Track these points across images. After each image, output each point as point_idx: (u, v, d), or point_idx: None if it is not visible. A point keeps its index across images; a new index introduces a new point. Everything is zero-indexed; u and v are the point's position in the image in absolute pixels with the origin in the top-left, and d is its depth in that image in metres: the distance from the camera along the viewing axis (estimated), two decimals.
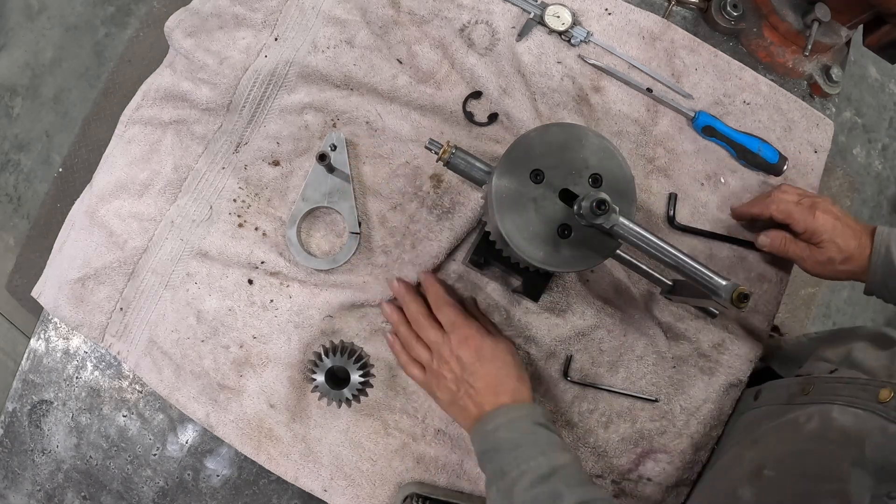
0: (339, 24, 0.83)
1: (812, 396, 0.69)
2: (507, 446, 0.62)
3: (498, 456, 0.63)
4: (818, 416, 0.64)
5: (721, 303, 0.58)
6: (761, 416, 0.76)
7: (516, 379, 0.68)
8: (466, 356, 0.68)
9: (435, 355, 0.70)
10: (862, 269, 0.74)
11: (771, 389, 0.78)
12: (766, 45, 0.91)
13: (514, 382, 0.68)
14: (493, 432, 0.64)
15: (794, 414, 0.68)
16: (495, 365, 0.68)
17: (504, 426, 0.64)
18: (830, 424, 0.62)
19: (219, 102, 0.81)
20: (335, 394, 0.73)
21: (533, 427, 0.64)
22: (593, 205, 0.55)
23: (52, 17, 1.89)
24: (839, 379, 0.68)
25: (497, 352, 0.69)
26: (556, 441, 0.64)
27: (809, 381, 0.71)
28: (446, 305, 0.71)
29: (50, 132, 1.84)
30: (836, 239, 0.74)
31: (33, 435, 0.80)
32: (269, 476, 0.79)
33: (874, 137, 2.16)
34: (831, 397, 0.66)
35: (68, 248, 0.80)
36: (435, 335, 0.70)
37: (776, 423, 0.71)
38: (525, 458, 0.61)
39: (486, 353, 0.68)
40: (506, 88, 0.83)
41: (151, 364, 0.77)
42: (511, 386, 0.67)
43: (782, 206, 0.77)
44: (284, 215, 0.79)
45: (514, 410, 0.65)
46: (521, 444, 0.62)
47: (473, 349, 0.68)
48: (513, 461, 0.61)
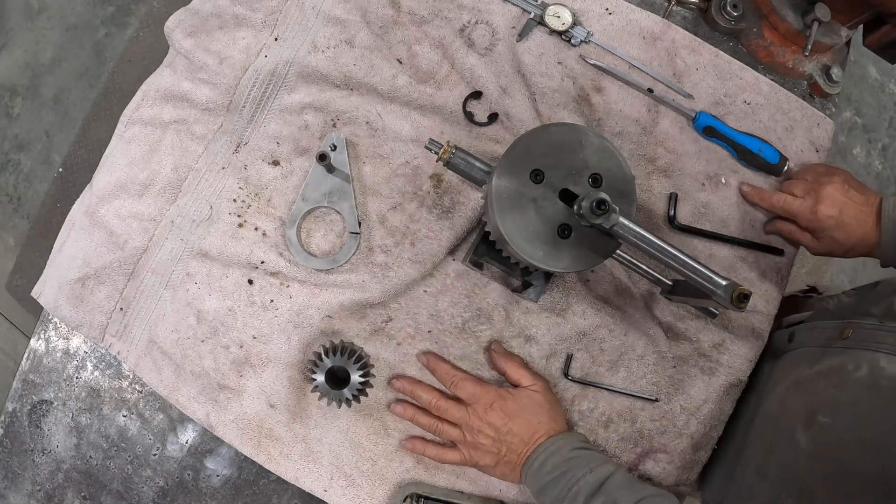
0: (339, 24, 0.83)
1: (851, 341, 0.70)
2: (555, 475, 0.66)
3: (550, 487, 0.66)
4: (867, 365, 0.65)
5: (721, 303, 0.58)
6: (799, 358, 0.76)
7: (548, 418, 0.71)
8: (497, 420, 0.70)
9: (465, 429, 0.72)
10: (870, 251, 0.76)
11: (806, 331, 0.79)
12: (767, 45, 0.91)
13: (546, 421, 0.71)
14: (539, 469, 0.68)
15: (838, 359, 0.69)
16: (524, 417, 0.71)
17: (547, 460, 0.67)
18: (881, 373, 0.63)
19: (219, 102, 0.81)
20: (335, 394, 0.73)
21: (573, 452, 0.67)
22: (593, 205, 0.55)
23: (52, 17, 1.89)
24: (881, 327, 0.68)
25: (522, 403, 0.72)
26: (597, 457, 0.68)
27: (848, 326, 0.72)
28: (462, 380, 0.74)
29: (50, 132, 1.84)
30: (837, 234, 0.76)
31: (33, 435, 0.80)
32: (269, 476, 0.79)
33: (874, 137, 2.16)
34: (875, 345, 0.67)
35: (68, 248, 0.80)
36: (460, 412, 0.72)
37: (820, 367, 0.71)
38: (574, 478, 0.64)
39: (513, 410, 0.71)
40: (506, 88, 0.83)
41: (151, 364, 0.77)
42: (544, 425, 0.71)
43: (785, 204, 0.80)
44: (284, 215, 0.79)
45: (552, 444, 0.68)
46: (568, 468, 0.66)
47: (500, 411, 0.71)
48: (564, 486, 0.65)
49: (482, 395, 0.72)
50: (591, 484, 0.63)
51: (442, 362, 0.76)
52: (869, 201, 0.76)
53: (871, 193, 0.78)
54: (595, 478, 0.64)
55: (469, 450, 0.72)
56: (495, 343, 0.78)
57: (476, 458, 0.72)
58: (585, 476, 0.64)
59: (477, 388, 0.72)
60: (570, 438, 0.70)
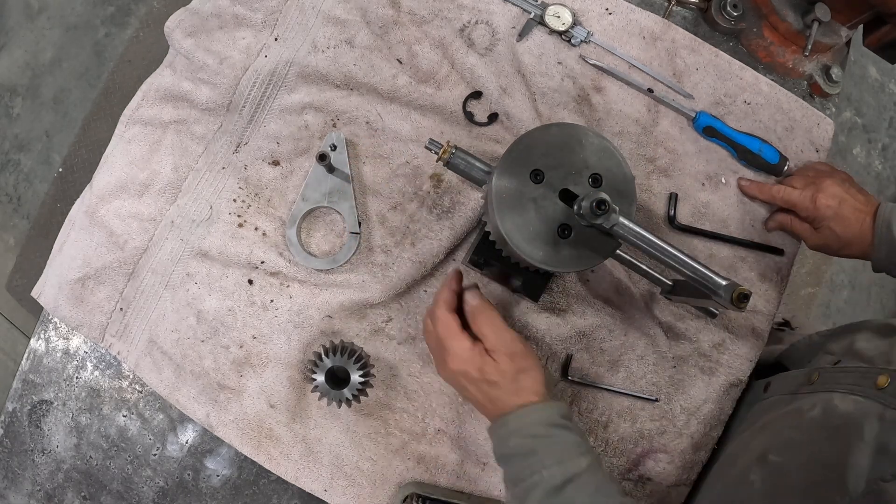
0: (339, 24, 0.83)
1: (816, 386, 0.70)
2: (521, 452, 0.61)
3: (513, 462, 0.62)
4: (821, 404, 0.66)
5: (721, 303, 0.58)
6: (769, 406, 0.77)
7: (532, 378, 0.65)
8: (503, 360, 0.64)
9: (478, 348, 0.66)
10: (865, 251, 0.76)
11: (780, 381, 0.80)
12: (766, 45, 0.91)
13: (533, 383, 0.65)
14: (507, 437, 0.62)
15: (799, 403, 0.70)
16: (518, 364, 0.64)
17: (518, 431, 0.62)
18: (833, 412, 0.63)
19: (219, 102, 0.81)
20: (335, 394, 0.73)
21: (549, 430, 0.61)
22: (593, 205, 0.55)
23: (52, 17, 1.89)
24: (841, 368, 0.70)
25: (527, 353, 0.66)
26: (573, 443, 0.62)
27: (815, 371, 0.73)
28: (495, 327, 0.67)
29: (50, 132, 1.84)
30: (834, 225, 0.76)
31: (33, 435, 0.80)
32: (269, 476, 0.79)
33: (874, 137, 2.16)
34: (833, 385, 0.67)
35: (68, 248, 0.80)
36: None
37: (782, 411, 0.72)
38: (538, 466, 0.59)
39: (518, 354, 0.65)
40: (506, 88, 0.83)
41: (151, 364, 0.77)
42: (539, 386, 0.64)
43: (785, 194, 0.80)
44: (284, 215, 0.79)
45: (530, 413, 0.62)
46: (536, 450, 0.60)
47: (508, 355, 0.64)
48: (527, 469, 0.60)
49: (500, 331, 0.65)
50: (554, 479, 0.58)
51: (485, 303, 0.69)
52: (868, 202, 0.77)
53: (871, 197, 0.78)
54: (561, 473, 0.58)
55: (478, 357, 0.65)
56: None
57: (475, 371, 0.65)
58: (552, 467, 0.58)
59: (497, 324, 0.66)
60: (550, 412, 0.63)
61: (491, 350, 0.64)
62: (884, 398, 0.59)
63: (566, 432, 0.62)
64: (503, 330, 0.65)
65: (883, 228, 0.74)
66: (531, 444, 0.61)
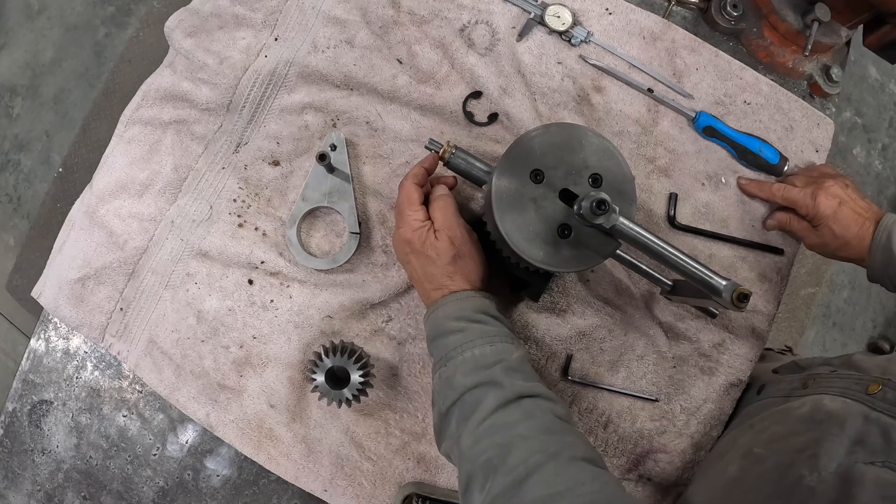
0: (339, 24, 0.83)
1: (810, 390, 0.72)
2: (451, 331, 0.63)
3: (444, 341, 0.63)
4: (810, 403, 0.68)
5: (721, 303, 0.58)
6: (761, 408, 0.78)
7: (467, 266, 0.67)
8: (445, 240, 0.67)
9: (427, 233, 0.68)
10: (862, 255, 0.76)
11: (774, 385, 0.80)
12: (766, 45, 0.91)
13: (468, 271, 0.67)
14: (442, 319, 0.64)
15: (790, 403, 0.71)
16: (457, 248, 0.67)
17: (450, 315, 0.64)
18: (820, 409, 0.65)
19: (219, 102, 0.81)
20: (335, 394, 0.73)
21: (480, 316, 0.64)
22: (593, 205, 0.55)
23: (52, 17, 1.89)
24: (836, 375, 0.71)
25: (468, 242, 0.68)
26: (505, 333, 0.64)
27: (811, 377, 0.74)
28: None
29: (50, 132, 1.84)
30: (833, 224, 0.76)
31: (33, 435, 0.80)
32: (269, 476, 0.79)
33: (874, 137, 2.16)
34: (825, 389, 0.69)
35: (68, 248, 0.80)
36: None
37: (772, 411, 0.73)
38: (470, 344, 0.61)
39: (458, 238, 0.67)
40: (506, 88, 0.83)
41: (151, 364, 0.77)
42: (474, 275, 0.67)
43: (784, 192, 0.80)
44: (284, 215, 0.79)
45: (463, 299, 0.65)
46: (467, 330, 0.62)
47: (449, 237, 0.67)
48: (458, 347, 0.61)
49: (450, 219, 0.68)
50: (485, 357, 0.60)
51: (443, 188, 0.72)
52: (870, 208, 0.77)
53: (874, 205, 0.78)
54: (493, 353, 0.60)
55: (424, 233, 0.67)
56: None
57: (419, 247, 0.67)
58: (483, 346, 0.61)
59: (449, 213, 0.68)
60: (486, 302, 0.65)
61: (437, 230, 0.67)
62: (872, 402, 0.61)
63: (499, 323, 0.64)
64: (453, 216, 0.68)
65: (882, 236, 0.73)
66: (462, 326, 0.63)
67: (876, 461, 0.54)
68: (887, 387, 0.61)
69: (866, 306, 2.06)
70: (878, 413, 0.59)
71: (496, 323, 0.64)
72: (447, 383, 0.61)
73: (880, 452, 0.55)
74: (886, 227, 0.74)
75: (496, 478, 0.53)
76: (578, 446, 0.55)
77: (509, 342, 0.63)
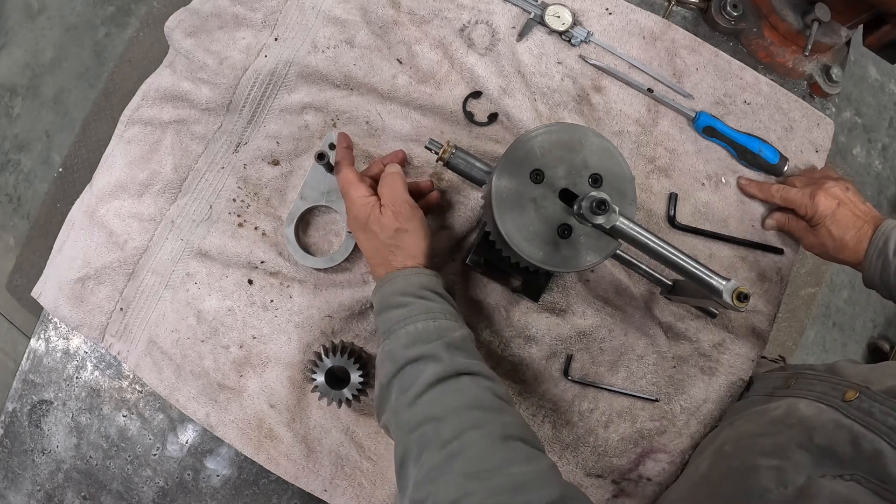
0: (339, 24, 0.83)
1: (791, 391, 0.72)
2: (395, 305, 0.63)
3: (388, 315, 0.63)
4: (785, 406, 0.68)
5: (721, 303, 0.58)
6: (743, 406, 0.79)
7: (411, 241, 0.67)
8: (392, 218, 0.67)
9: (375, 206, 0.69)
10: (859, 259, 0.76)
11: (760, 381, 0.81)
12: (766, 45, 0.91)
13: (411, 246, 0.67)
14: (388, 294, 0.64)
15: (769, 404, 0.72)
16: (401, 223, 0.67)
17: (396, 290, 0.64)
18: (793, 413, 0.66)
19: (219, 102, 0.81)
20: (335, 394, 0.73)
21: (424, 292, 0.64)
22: (593, 205, 0.55)
23: (52, 17, 1.89)
24: (817, 377, 0.71)
25: (413, 217, 0.68)
26: (449, 311, 0.64)
27: (793, 376, 0.74)
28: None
29: (50, 132, 1.84)
30: (831, 225, 0.76)
31: (33, 435, 0.80)
32: (269, 476, 0.79)
33: (874, 137, 2.16)
34: (804, 392, 0.69)
35: (68, 248, 0.80)
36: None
37: (752, 410, 0.74)
38: (412, 319, 0.61)
39: (403, 214, 0.67)
40: (506, 88, 0.83)
41: (151, 364, 0.77)
42: (417, 251, 0.67)
43: (784, 192, 0.81)
44: (284, 215, 0.79)
45: (410, 276, 0.65)
46: (411, 305, 0.63)
47: (393, 212, 0.67)
48: (402, 321, 0.61)
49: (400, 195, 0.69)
50: (428, 331, 0.60)
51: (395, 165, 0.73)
52: (870, 212, 0.77)
53: (873, 209, 0.78)
54: (436, 328, 0.60)
55: (374, 209, 0.68)
56: None
57: (368, 223, 0.68)
58: (426, 322, 0.61)
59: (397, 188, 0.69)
60: (433, 279, 0.66)
61: (382, 205, 0.68)
62: (846, 409, 0.61)
63: (443, 301, 0.65)
64: (400, 192, 0.69)
65: (880, 241, 0.73)
66: (406, 301, 0.63)
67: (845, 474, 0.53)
68: (864, 395, 0.60)
69: (866, 306, 2.06)
70: (851, 421, 0.58)
71: (440, 300, 0.64)
72: (389, 356, 0.61)
73: (848, 463, 0.55)
74: (884, 232, 0.73)
75: (430, 452, 0.52)
76: (514, 425, 0.54)
77: (452, 320, 0.63)
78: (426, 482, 0.51)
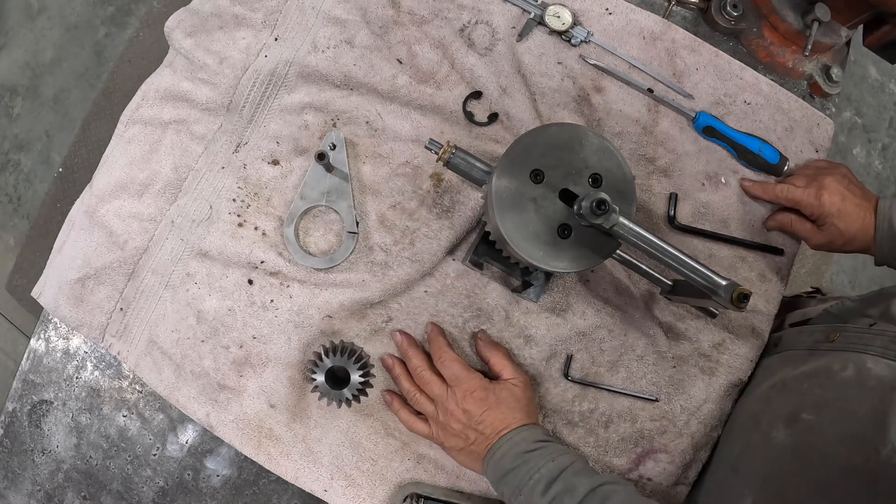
0: (339, 24, 0.83)
1: (837, 344, 0.71)
2: (515, 465, 0.65)
3: (510, 477, 0.65)
4: (853, 366, 0.66)
5: (721, 303, 0.58)
6: (785, 360, 0.77)
7: (523, 413, 0.70)
8: (473, 408, 0.69)
9: (440, 408, 0.71)
10: (867, 245, 0.77)
11: (793, 335, 0.80)
12: (766, 45, 0.91)
13: (520, 417, 0.69)
14: (500, 460, 0.67)
15: (824, 361, 0.70)
16: (501, 409, 0.69)
17: (510, 451, 0.66)
18: (868, 373, 0.64)
19: (219, 102, 0.81)
20: (335, 394, 0.73)
21: (535, 444, 0.66)
22: (593, 205, 0.55)
23: (52, 17, 1.89)
24: (870, 330, 0.69)
25: (501, 396, 0.70)
26: (560, 448, 0.67)
27: (835, 329, 0.73)
28: (450, 360, 0.72)
29: (50, 132, 1.84)
30: (838, 222, 0.76)
31: (33, 435, 0.80)
32: (269, 476, 0.79)
33: (874, 137, 2.16)
34: (862, 347, 0.68)
35: (68, 248, 0.80)
36: (440, 389, 0.71)
37: (805, 368, 0.72)
38: (535, 468, 0.64)
39: (491, 401, 0.69)
40: (506, 88, 0.83)
41: (151, 364, 0.77)
42: (518, 421, 0.69)
43: (789, 193, 0.80)
44: (284, 215, 0.79)
45: (515, 435, 0.67)
46: (528, 459, 0.65)
47: (478, 400, 0.69)
48: (524, 475, 0.64)
49: (465, 379, 0.70)
50: (551, 472, 0.63)
51: (439, 336, 0.75)
52: (867, 197, 0.78)
53: (869, 192, 0.79)
54: (556, 466, 0.63)
55: (439, 428, 0.71)
56: (481, 332, 0.78)
57: (443, 439, 0.71)
58: (547, 464, 0.64)
59: (462, 372, 0.71)
60: (534, 431, 0.68)
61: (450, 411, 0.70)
62: None
63: (551, 444, 0.68)
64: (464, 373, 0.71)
65: (884, 224, 0.74)
66: (524, 457, 0.65)
67: None
68: None
69: None
70: None
71: (550, 444, 0.67)
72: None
73: None
74: (885, 214, 0.75)
75: None
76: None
77: (566, 454, 0.66)
78: None
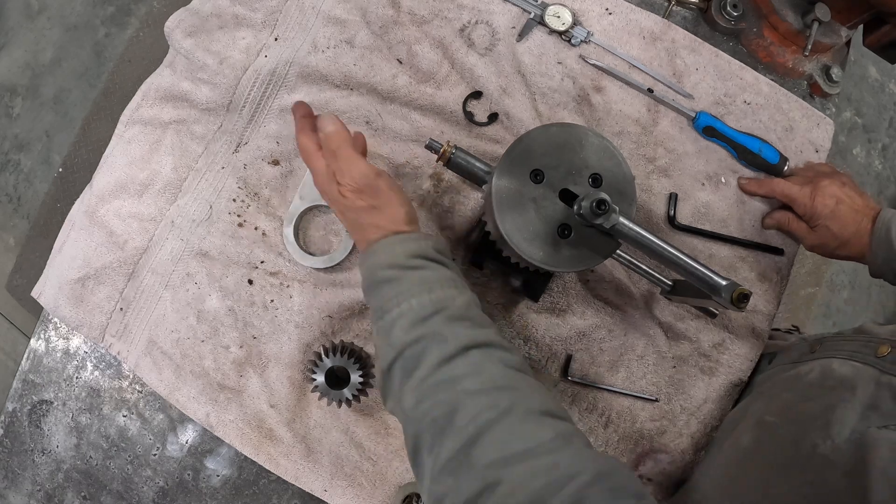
0: (339, 24, 0.83)
1: (818, 354, 0.72)
2: (387, 280, 0.56)
3: (379, 292, 0.57)
4: (819, 368, 0.68)
5: (721, 303, 0.58)
6: (770, 375, 0.78)
7: (386, 216, 0.61)
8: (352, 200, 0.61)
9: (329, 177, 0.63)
10: (862, 253, 0.76)
11: (784, 352, 0.81)
12: (766, 45, 0.91)
13: (400, 215, 0.61)
14: (374, 268, 0.58)
15: (799, 368, 0.71)
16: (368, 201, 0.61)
17: (384, 262, 0.57)
18: (830, 374, 0.65)
19: (219, 102, 0.81)
20: (335, 394, 0.73)
21: (418, 262, 0.57)
22: (593, 205, 0.55)
23: (52, 17, 1.89)
24: (844, 337, 0.71)
25: (378, 191, 0.61)
26: (447, 277, 0.57)
27: (818, 341, 0.74)
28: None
29: (50, 132, 1.84)
30: (831, 224, 0.76)
31: (33, 435, 0.80)
32: (269, 476, 0.79)
33: (874, 137, 2.16)
34: (833, 352, 0.69)
35: (68, 248, 0.80)
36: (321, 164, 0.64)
37: (785, 376, 0.73)
38: (406, 295, 0.55)
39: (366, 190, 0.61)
40: (506, 88, 0.83)
41: (151, 364, 0.77)
42: (396, 218, 0.61)
43: (784, 188, 0.80)
44: (284, 215, 0.79)
45: (396, 244, 0.58)
46: (402, 279, 0.56)
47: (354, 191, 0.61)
48: (393, 298, 0.55)
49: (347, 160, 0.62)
50: (424, 308, 0.54)
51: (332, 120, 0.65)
52: (868, 205, 0.77)
53: (871, 201, 0.78)
54: (431, 302, 0.54)
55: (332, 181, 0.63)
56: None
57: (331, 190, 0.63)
58: (421, 295, 0.54)
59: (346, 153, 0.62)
60: (423, 243, 0.58)
61: (339, 184, 0.61)
62: (882, 364, 0.61)
63: (439, 267, 0.58)
64: (351, 163, 0.61)
65: (882, 231, 0.74)
66: (395, 274, 0.56)
67: (890, 425, 0.53)
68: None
69: (866, 306, 2.06)
70: (889, 376, 0.58)
71: (434, 266, 0.57)
72: (386, 340, 0.55)
73: (893, 416, 0.55)
74: (885, 221, 0.74)
75: (444, 440, 0.48)
76: (534, 398, 0.49)
77: (451, 287, 0.56)
78: (444, 474, 0.47)
